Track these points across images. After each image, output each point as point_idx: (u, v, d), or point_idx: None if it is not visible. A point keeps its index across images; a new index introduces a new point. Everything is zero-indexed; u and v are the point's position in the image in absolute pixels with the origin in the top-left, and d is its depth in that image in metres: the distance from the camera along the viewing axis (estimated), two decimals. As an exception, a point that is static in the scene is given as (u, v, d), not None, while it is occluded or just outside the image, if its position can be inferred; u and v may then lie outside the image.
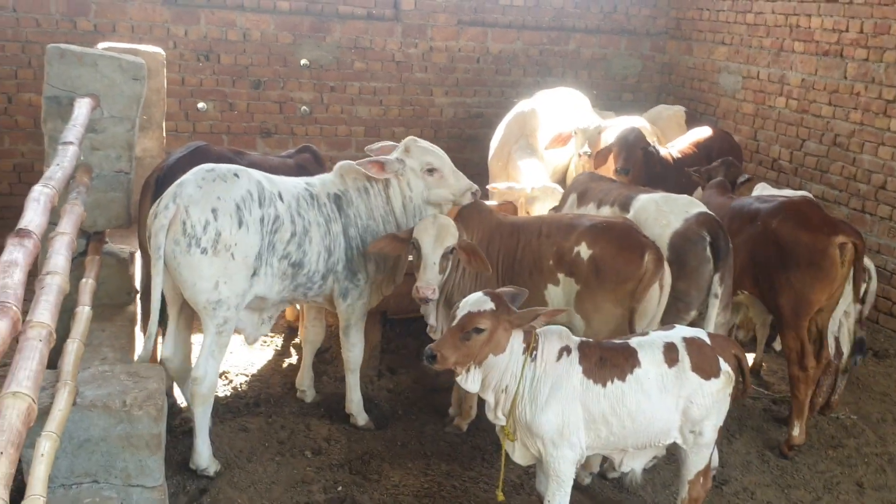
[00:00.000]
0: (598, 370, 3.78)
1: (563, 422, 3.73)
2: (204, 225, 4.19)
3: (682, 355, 3.86)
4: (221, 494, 4.50)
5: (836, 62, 7.87)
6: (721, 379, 3.89)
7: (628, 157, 6.70)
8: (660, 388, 3.81)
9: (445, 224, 4.64)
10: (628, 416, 3.77)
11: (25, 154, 8.39)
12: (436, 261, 4.54)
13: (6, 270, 2.20)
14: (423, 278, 4.56)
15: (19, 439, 2.15)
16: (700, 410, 3.87)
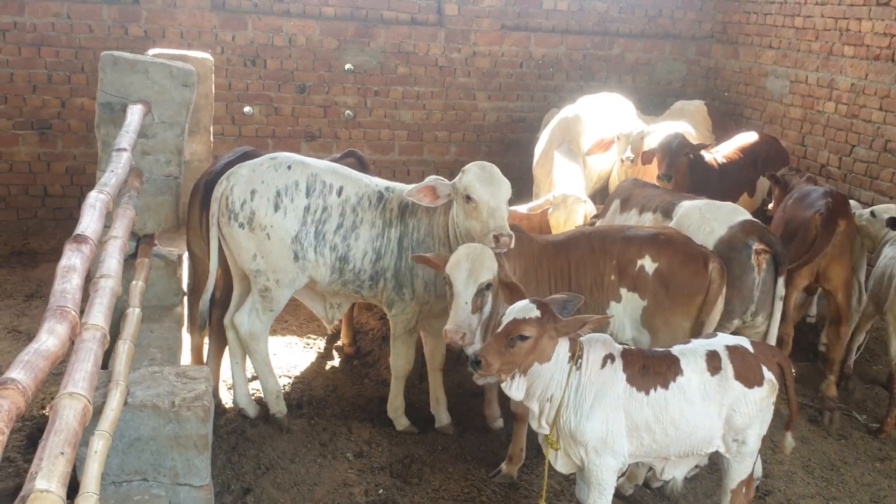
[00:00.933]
0: (641, 378, 3.77)
1: (606, 430, 3.72)
2: (241, 203, 4.82)
3: (724, 363, 3.84)
4: (265, 494, 4.57)
5: (888, 67, 7.72)
6: (764, 387, 3.87)
7: (671, 164, 6.66)
8: (703, 396, 3.79)
9: (480, 255, 4.22)
10: (671, 424, 3.76)
11: (77, 157, 8.60)
12: (468, 299, 4.15)
13: (65, 276, 2.28)
14: (452, 319, 4.16)
15: (76, 439, 2.22)
16: (743, 419, 3.84)
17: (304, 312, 7.18)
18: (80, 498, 2.49)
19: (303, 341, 6.65)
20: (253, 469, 4.78)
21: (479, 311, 4.22)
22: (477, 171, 4.58)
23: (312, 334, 6.75)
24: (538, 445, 5.18)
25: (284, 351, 6.42)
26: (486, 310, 4.28)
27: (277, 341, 6.60)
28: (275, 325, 6.86)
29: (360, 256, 4.78)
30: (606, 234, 4.82)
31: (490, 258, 4.22)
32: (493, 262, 4.22)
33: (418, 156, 9.63)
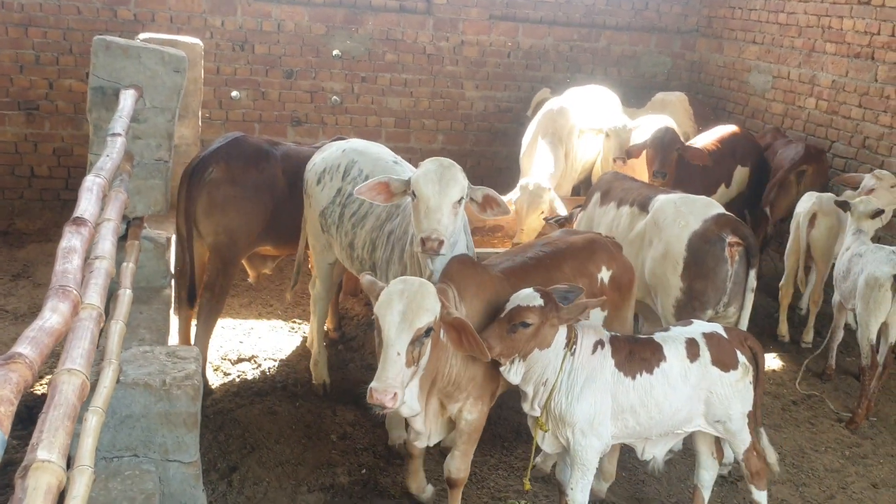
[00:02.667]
0: (627, 363, 3.95)
1: (594, 412, 3.87)
2: (305, 175, 5.43)
3: (703, 350, 4.05)
4: (250, 472, 4.69)
5: (867, 64, 7.88)
6: (739, 370, 4.09)
7: (664, 161, 6.76)
8: (684, 381, 3.99)
9: (418, 292, 3.40)
10: (655, 407, 3.96)
11: (65, 139, 8.62)
12: (401, 349, 3.32)
13: (66, 256, 2.36)
14: (380, 375, 3.30)
15: (74, 413, 2.30)
16: (721, 401, 4.07)
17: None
18: (76, 470, 2.57)
19: (288, 325, 6.74)
20: (239, 448, 4.89)
21: (416, 363, 3.40)
22: (428, 166, 4.09)
23: (297, 318, 6.84)
24: (518, 427, 5.33)
25: (269, 335, 6.51)
26: (422, 362, 3.48)
27: (262, 325, 6.70)
28: (260, 308, 7.00)
29: (361, 245, 4.88)
30: (556, 254, 4.38)
31: (431, 296, 3.43)
32: (435, 302, 3.43)
33: (405, 143, 9.71)
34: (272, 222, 5.61)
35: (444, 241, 3.87)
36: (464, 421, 4.00)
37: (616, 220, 5.55)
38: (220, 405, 5.34)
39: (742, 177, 7.63)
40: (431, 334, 3.44)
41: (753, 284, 5.02)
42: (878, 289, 5.47)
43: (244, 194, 5.45)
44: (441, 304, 3.51)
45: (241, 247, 5.56)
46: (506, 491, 4.76)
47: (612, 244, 4.62)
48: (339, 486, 4.64)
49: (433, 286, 3.54)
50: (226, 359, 6.03)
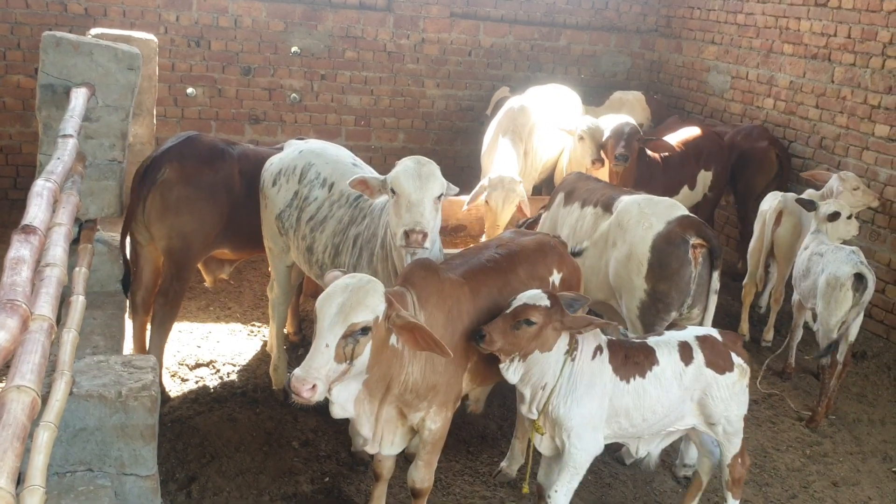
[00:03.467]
0: (623, 367, 4.00)
1: (591, 416, 3.92)
2: (262, 174, 5.33)
3: (696, 353, 4.10)
4: (210, 483, 4.56)
5: (824, 66, 7.97)
6: (735, 372, 4.16)
7: (627, 146, 6.77)
8: (677, 384, 4.05)
9: (362, 288, 3.31)
10: (649, 410, 4.01)
11: (13, 136, 8.36)
12: (330, 342, 3.21)
13: (14, 268, 2.23)
14: (305, 364, 3.21)
15: (24, 433, 2.18)
16: (718, 403, 4.13)
17: (248, 300, 7.13)
18: (26, 491, 2.45)
19: (247, 328, 6.60)
20: (198, 457, 4.76)
21: (348, 361, 3.27)
22: (407, 163, 4.16)
23: (257, 322, 6.70)
24: (484, 432, 5.28)
25: (228, 338, 6.36)
26: (358, 363, 3.32)
27: (221, 328, 6.55)
28: (218, 311, 6.85)
29: (322, 250, 4.77)
30: (510, 256, 4.27)
31: (375, 295, 3.32)
32: (378, 301, 3.32)
33: (366, 141, 9.60)
34: (229, 225, 5.43)
35: (427, 233, 3.89)
36: (427, 430, 3.92)
37: (580, 220, 5.52)
38: (177, 413, 5.20)
39: (706, 180, 7.69)
40: (371, 334, 3.30)
41: (717, 286, 5.03)
42: (838, 288, 5.52)
43: (198, 195, 5.22)
44: (390, 305, 3.38)
45: (195, 250, 5.35)
46: (471, 497, 4.70)
47: (560, 245, 4.60)
48: (302, 494, 4.54)
49: (382, 287, 3.42)
50: (183, 364, 5.87)
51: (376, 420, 3.77)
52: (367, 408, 3.69)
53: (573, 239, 5.42)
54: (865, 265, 5.58)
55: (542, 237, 4.59)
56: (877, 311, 7.30)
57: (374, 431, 3.80)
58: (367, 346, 3.33)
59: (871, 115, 7.44)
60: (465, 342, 3.91)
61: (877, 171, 7.38)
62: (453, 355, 3.79)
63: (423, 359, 3.70)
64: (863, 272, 5.50)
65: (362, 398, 3.62)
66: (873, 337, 7.29)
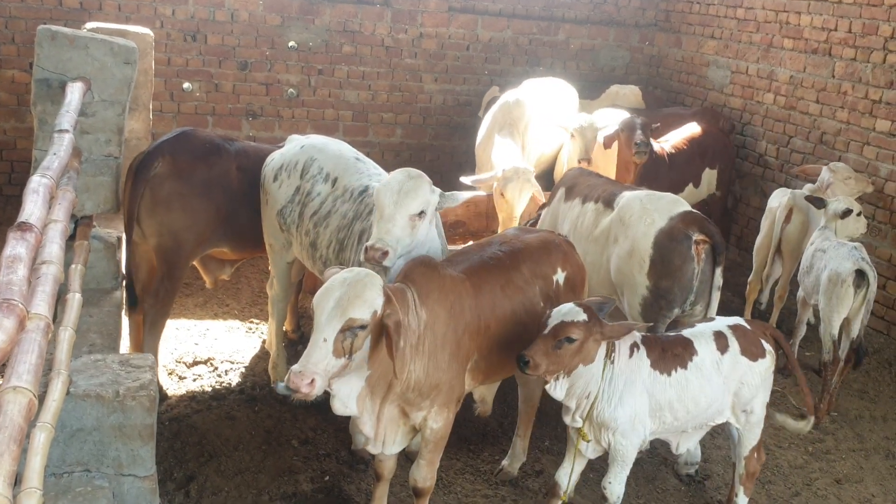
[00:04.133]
0: (662, 361, 4.06)
1: (634, 413, 3.98)
2: (263, 170, 5.25)
3: (731, 341, 4.19)
4: (208, 482, 4.52)
5: (825, 60, 7.93)
6: (767, 359, 4.25)
7: (644, 134, 6.74)
8: (716, 373, 4.12)
9: (360, 283, 3.29)
10: (692, 401, 4.09)
11: (8, 131, 8.28)
12: (328, 336, 3.22)
13: (10, 266, 2.17)
14: (303, 359, 3.24)
15: (21, 435, 2.13)
16: (750, 390, 4.24)
17: (246, 297, 7.08)
18: (23, 494, 2.39)
19: (245, 326, 6.55)
20: (196, 456, 4.72)
21: (347, 356, 3.26)
22: (394, 175, 4.07)
23: (255, 319, 6.65)
24: (485, 430, 5.23)
25: (226, 336, 6.31)
26: (357, 357, 3.32)
27: (219, 326, 6.50)
28: (216, 308, 6.80)
29: (326, 245, 4.71)
30: (514, 253, 4.21)
31: (373, 289, 3.28)
32: (377, 296, 3.29)
33: (363, 137, 9.53)
34: (226, 223, 5.32)
35: (388, 252, 3.82)
36: (429, 430, 3.88)
37: (581, 216, 5.48)
38: (175, 411, 5.15)
39: (711, 178, 7.64)
40: (369, 329, 3.29)
41: (719, 283, 4.99)
42: (840, 284, 5.49)
43: (191, 191, 5.11)
44: (388, 301, 3.36)
45: (187, 249, 5.23)
46: (473, 495, 4.66)
47: (566, 243, 4.54)
48: (302, 494, 4.49)
49: (381, 281, 3.39)
50: (181, 362, 5.82)
51: (378, 419, 3.72)
52: (369, 406, 3.65)
53: (573, 235, 5.37)
54: (867, 262, 5.55)
55: (547, 235, 4.54)
56: (877, 307, 7.26)
57: (376, 431, 3.76)
58: (366, 342, 3.32)
59: (873, 110, 7.40)
60: (467, 339, 3.86)
61: (877, 166, 7.34)
62: (456, 353, 3.76)
63: (426, 356, 3.67)
64: (864, 269, 5.47)
65: (364, 396, 3.58)
66: (874, 333, 7.25)
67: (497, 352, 4.03)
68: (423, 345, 3.66)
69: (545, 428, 5.32)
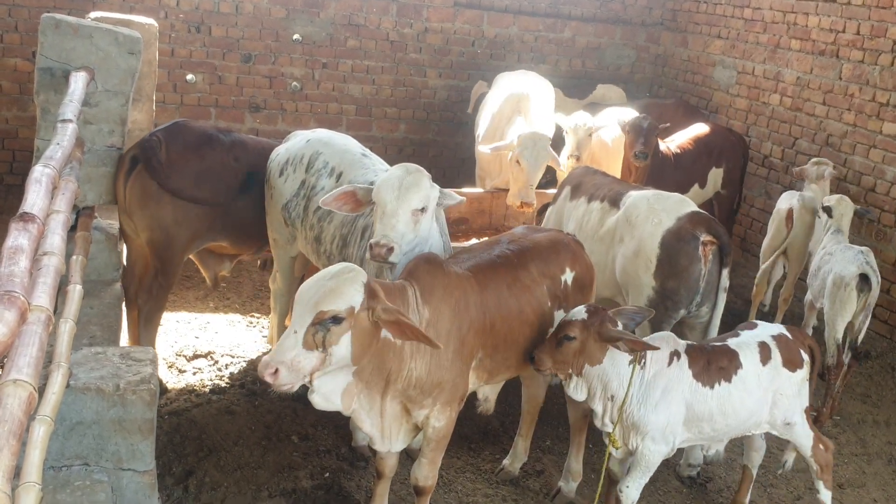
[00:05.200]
0: (706, 373, 4.04)
1: (667, 422, 3.98)
2: (268, 165, 5.23)
3: (773, 353, 4.17)
4: (207, 477, 4.48)
5: (832, 62, 7.89)
6: (804, 369, 4.25)
7: (646, 142, 6.68)
8: (757, 385, 4.11)
9: (337, 276, 3.27)
10: (732, 414, 4.07)
11: (10, 120, 8.24)
12: (299, 328, 3.20)
13: (11, 257, 2.13)
14: (274, 349, 3.25)
15: (21, 429, 2.10)
16: (788, 401, 4.20)
17: (247, 291, 7.04)
18: (22, 488, 2.36)
19: (246, 319, 6.51)
20: (195, 451, 4.68)
21: (322, 349, 3.20)
22: (393, 171, 4.00)
23: (256, 312, 6.61)
24: (486, 428, 5.20)
25: (227, 329, 6.27)
26: (336, 353, 3.24)
27: (220, 319, 6.46)
28: (217, 302, 6.76)
29: (330, 240, 4.67)
30: (522, 252, 4.16)
31: (351, 284, 3.25)
32: (354, 291, 3.24)
33: (366, 131, 9.49)
34: (222, 216, 5.23)
35: (394, 248, 3.75)
36: (431, 428, 3.84)
37: (586, 215, 5.44)
38: (174, 405, 5.11)
39: (717, 177, 7.60)
40: (346, 324, 3.21)
41: (726, 284, 4.95)
42: (843, 288, 5.46)
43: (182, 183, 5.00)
44: (373, 297, 3.28)
45: (180, 244, 5.12)
46: (473, 494, 4.63)
47: (575, 243, 4.48)
48: (302, 490, 4.46)
49: (363, 277, 3.32)
50: (181, 355, 5.78)
51: (381, 416, 3.69)
52: (366, 402, 3.61)
53: (579, 235, 5.33)
54: (872, 266, 5.51)
55: (556, 234, 4.49)
56: (881, 310, 7.23)
57: (380, 429, 3.72)
58: (345, 337, 3.24)
59: (880, 112, 7.36)
60: (471, 336, 3.82)
61: (884, 169, 7.30)
62: (460, 351, 3.73)
63: (427, 354, 3.62)
64: (868, 273, 5.43)
65: (355, 391, 3.53)
66: (877, 337, 7.22)
67: (503, 350, 3.99)
68: None
69: (547, 428, 5.29)
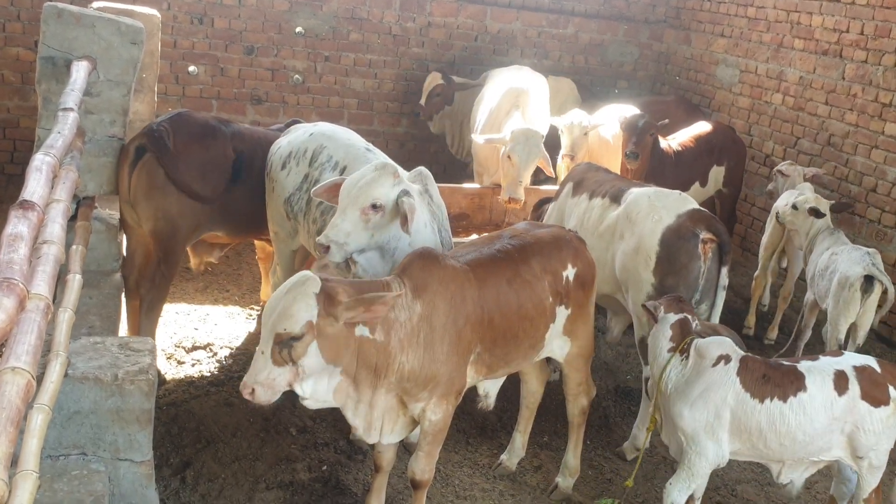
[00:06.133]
0: (756, 385, 3.96)
1: (705, 423, 3.95)
2: (269, 157, 5.23)
3: (852, 383, 3.95)
4: (205, 468, 4.49)
5: (835, 62, 7.87)
6: (890, 406, 3.96)
7: (638, 142, 6.66)
8: (826, 414, 3.92)
9: (288, 295, 3.31)
10: (787, 436, 3.93)
11: (12, 110, 8.22)
12: (265, 349, 3.31)
13: (11, 245, 2.13)
14: (250, 370, 3.37)
15: (18, 416, 2.10)
16: (869, 437, 3.96)
17: (246, 282, 7.04)
18: (19, 476, 2.36)
19: (245, 311, 6.51)
20: (193, 442, 4.68)
21: (291, 364, 3.32)
22: (365, 167, 4.02)
23: (255, 305, 6.61)
24: (483, 423, 5.20)
25: (226, 321, 6.27)
26: (308, 363, 3.34)
27: (219, 311, 6.46)
28: (216, 294, 6.76)
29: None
30: (523, 247, 4.15)
31: (301, 301, 3.28)
32: (305, 308, 3.28)
33: (368, 125, 9.47)
34: (222, 206, 5.25)
35: (331, 246, 3.77)
36: (428, 421, 3.84)
37: (587, 212, 5.43)
38: (173, 396, 5.11)
39: (718, 175, 7.59)
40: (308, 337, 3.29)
41: (725, 282, 4.95)
42: (848, 289, 5.45)
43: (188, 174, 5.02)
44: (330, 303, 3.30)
45: (183, 233, 5.15)
46: (471, 489, 4.63)
47: (577, 239, 4.47)
48: (299, 482, 4.46)
49: (314, 288, 3.31)
50: (179, 347, 5.78)
51: (371, 407, 3.69)
52: (354, 394, 3.61)
53: (579, 231, 5.33)
54: (879, 268, 5.50)
55: (558, 230, 4.48)
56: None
57: (368, 420, 3.73)
58: (311, 348, 3.32)
59: (882, 113, 7.34)
60: (469, 330, 3.82)
61: (885, 170, 7.29)
62: (456, 345, 3.72)
63: (421, 348, 3.63)
64: (874, 274, 5.42)
65: (346, 386, 3.55)
66: (875, 338, 7.21)
67: (502, 345, 3.99)
68: (418, 336, 3.63)
69: (545, 424, 5.30)
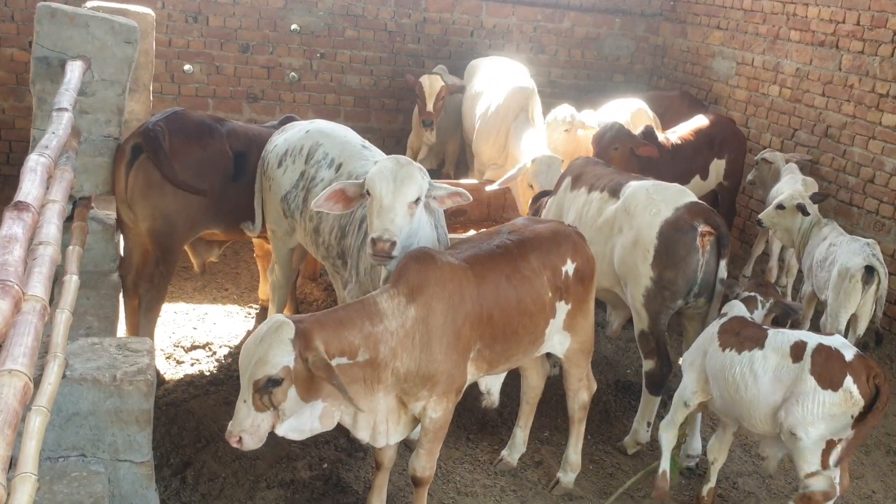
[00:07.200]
0: (726, 336, 4.32)
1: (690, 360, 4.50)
2: (265, 155, 5.24)
3: (807, 356, 3.99)
4: (205, 468, 4.47)
5: (832, 53, 7.86)
6: (838, 395, 3.88)
7: (602, 153, 6.50)
8: (772, 376, 4.07)
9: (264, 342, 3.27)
10: (732, 385, 4.19)
11: (6, 110, 8.21)
12: (246, 397, 3.31)
13: (6, 246, 2.12)
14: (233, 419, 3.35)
15: (16, 419, 2.09)
16: (803, 413, 3.92)
17: (245, 281, 7.02)
18: (18, 479, 2.35)
19: (244, 310, 6.49)
20: (193, 442, 4.67)
21: (272, 409, 3.32)
22: (383, 163, 3.92)
23: (254, 303, 6.59)
24: (484, 419, 5.19)
25: (225, 320, 6.26)
26: (288, 406, 3.35)
27: (217, 310, 6.44)
28: (214, 292, 6.74)
29: (329, 231, 4.65)
30: (522, 243, 4.13)
31: (276, 348, 3.26)
32: (282, 353, 3.26)
33: (364, 123, 9.45)
34: (218, 204, 5.25)
35: (396, 242, 3.70)
36: (428, 419, 3.83)
37: (586, 205, 5.42)
38: (172, 396, 5.10)
39: (719, 168, 7.58)
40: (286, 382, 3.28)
41: (724, 275, 4.94)
42: (848, 280, 5.44)
43: (185, 173, 5.00)
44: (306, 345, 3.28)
45: (181, 232, 5.15)
46: (472, 485, 4.63)
47: (576, 234, 4.45)
48: (300, 481, 4.45)
49: (289, 333, 3.28)
50: (178, 346, 5.77)
51: (372, 413, 3.67)
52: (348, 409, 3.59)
53: (578, 225, 5.31)
54: (879, 259, 5.49)
55: (557, 225, 4.46)
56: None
57: (373, 428, 3.72)
58: (290, 391, 3.31)
59: (879, 103, 7.33)
60: (468, 328, 3.80)
61: (883, 160, 7.28)
62: (455, 343, 3.70)
63: (416, 349, 3.62)
64: (874, 265, 5.42)
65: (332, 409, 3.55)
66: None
67: (502, 341, 3.97)
68: (413, 339, 3.62)
69: (546, 419, 5.29)
